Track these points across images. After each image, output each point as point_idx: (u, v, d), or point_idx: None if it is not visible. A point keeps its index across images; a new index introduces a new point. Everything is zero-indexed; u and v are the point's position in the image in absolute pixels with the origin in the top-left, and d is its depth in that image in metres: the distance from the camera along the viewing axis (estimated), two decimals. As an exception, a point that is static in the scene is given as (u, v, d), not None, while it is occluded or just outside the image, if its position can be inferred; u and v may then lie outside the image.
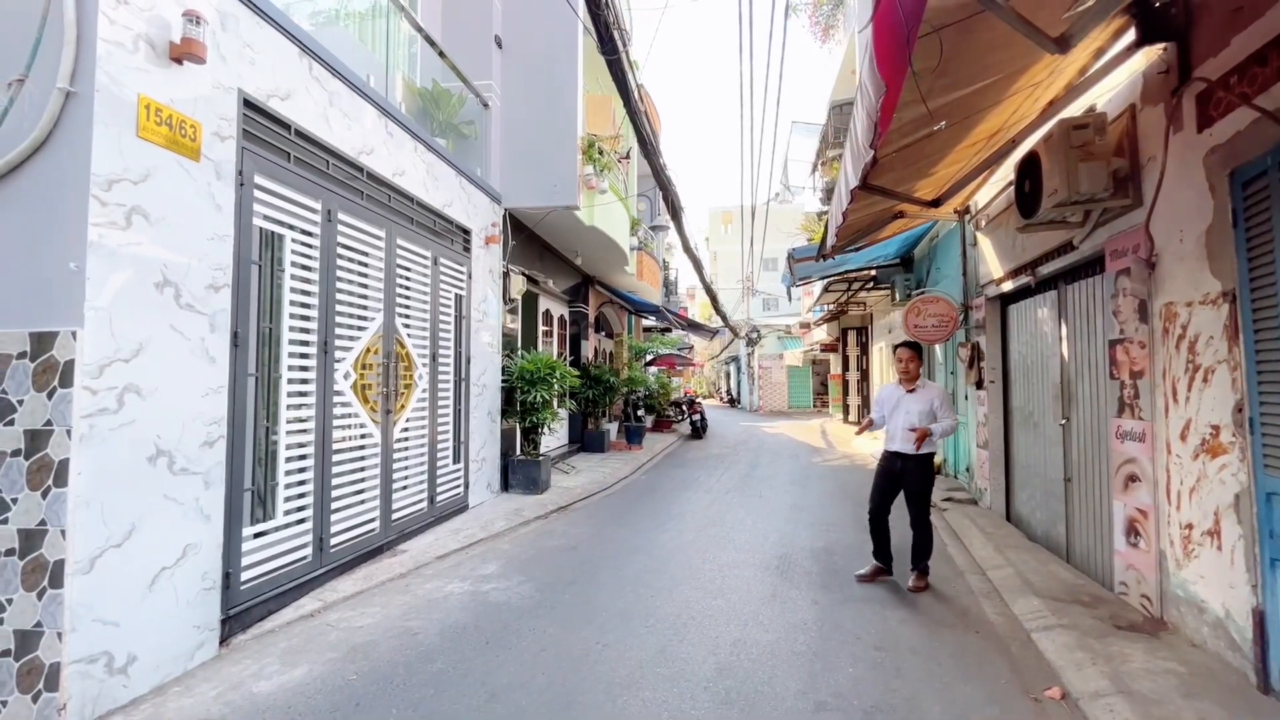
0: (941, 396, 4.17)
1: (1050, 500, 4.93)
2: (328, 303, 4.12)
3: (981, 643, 3.29)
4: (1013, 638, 3.35)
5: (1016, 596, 3.86)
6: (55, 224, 2.57)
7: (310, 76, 3.93)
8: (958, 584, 4.24)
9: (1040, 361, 5.23)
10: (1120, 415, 3.66)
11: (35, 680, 2.45)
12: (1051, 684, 2.81)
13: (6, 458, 2.54)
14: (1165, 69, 3.13)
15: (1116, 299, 3.67)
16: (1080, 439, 4.41)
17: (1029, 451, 5.49)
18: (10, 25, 2.60)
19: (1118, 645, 3.06)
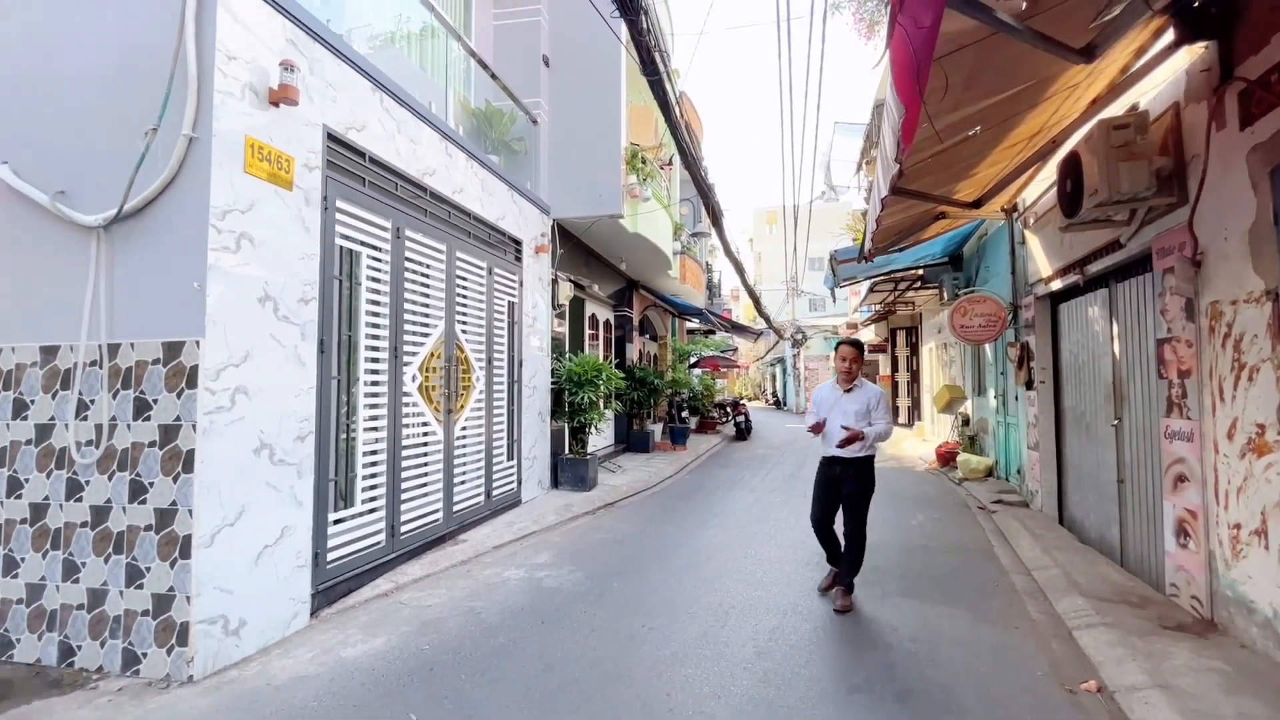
0: (878, 398, 3.97)
1: (1103, 502, 4.85)
2: (397, 312, 4.53)
3: (1021, 638, 3.34)
4: (1054, 634, 3.38)
5: (1061, 596, 3.87)
6: (181, 250, 3.03)
7: (381, 108, 4.36)
8: (1001, 583, 4.26)
9: (1091, 361, 5.14)
10: (1169, 415, 3.63)
11: (169, 636, 2.89)
12: (1089, 678, 2.85)
13: (144, 448, 3.01)
14: (1207, 67, 3.12)
15: (1163, 297, 3.64)
16: (1133, 440, 4.35)
17: (1081, 453, 5.39)
18: (146, 85, 3.07)
19: (1162, 644, 3.06)
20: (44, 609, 3.09)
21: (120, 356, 3.08)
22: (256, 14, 3.30)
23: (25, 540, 3.14)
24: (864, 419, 3.90)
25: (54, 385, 3.16)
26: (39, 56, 3.28)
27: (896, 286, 11.47)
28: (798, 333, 26.15)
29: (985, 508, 6.59)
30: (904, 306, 14.04)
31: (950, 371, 11.53)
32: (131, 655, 2.94)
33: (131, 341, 3.07)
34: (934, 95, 2.75)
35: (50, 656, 3.05)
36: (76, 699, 2.76)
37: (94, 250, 3.13)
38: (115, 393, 3.07)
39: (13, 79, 3.31)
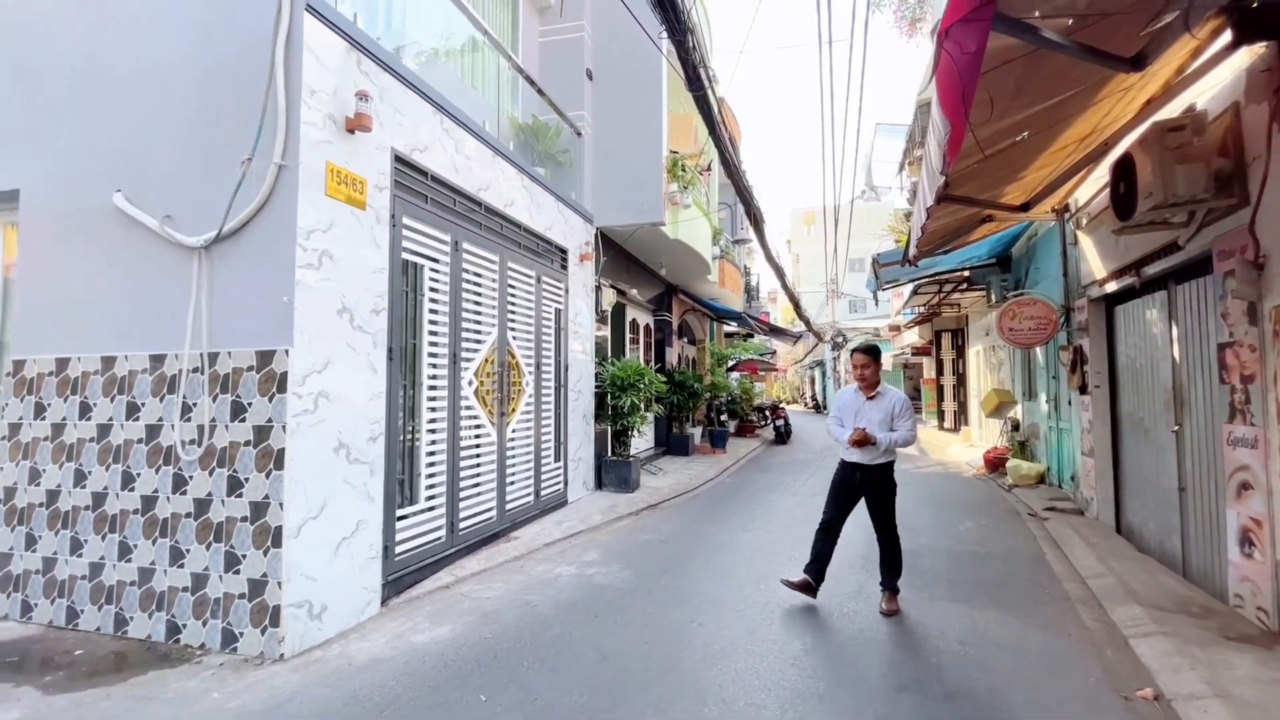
0: (901, 404, 3.90)
1: (1164, 511, 4.71)
2: (455, 320, 4.81)
3: (1073, 645, 3.32)
4: (1108, 643, 3.35)
5: (1117, 605, 3.81)
6: (272, 267, 3.34)
7: (441, 129, 4.64)
8: (1053, 590, 4.21)
9: (1150, 365, 5.01)
10: (1231, 421, 3.54)
11: (263, 618, 3.19)
12: (1145, 686, 2.84)
13: (240, 446, 3.32)
14: (1268, 67, 3.06)
15: (1224, 301, 3.56)
16: (1195, 446, 4.23)
17: (1140, 460, 5.25)
18: (241, 119, 3.39)
19: (1224, 654, 3.01)
20: (153, 590, 3.44)
21: (219, 364, 3.41)
22: (334, 50, 3.60)
23: (137, 529, 3.51)
24: (887, 426, 3.88)
25: (161, 389, 3.52)
26: (149, 96, 3.67)
27: (941, 289, 11.25)
28: (838, 335, 25.75)
29: (1036, 515, 6.45)
30: (949, 309, 13.73)
31: (999, 375, 11.24)
32: (230, 634, 3.25)
33: (229, 350, 3.40)
34: (980, 109, 2.81)
35: (159, 633, 3.40)
36: (185, 672, 3.07)
37: (196, 268, 3.47)
38: (215, 396, 3.40)
39: (126, 116, 3.71)
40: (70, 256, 3.80)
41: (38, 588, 3.70)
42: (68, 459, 3.71)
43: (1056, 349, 7.06)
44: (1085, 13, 2.20)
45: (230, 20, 3.51)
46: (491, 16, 6.91)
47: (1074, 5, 2.13)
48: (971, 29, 1.76)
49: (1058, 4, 2.09)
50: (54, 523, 3.70)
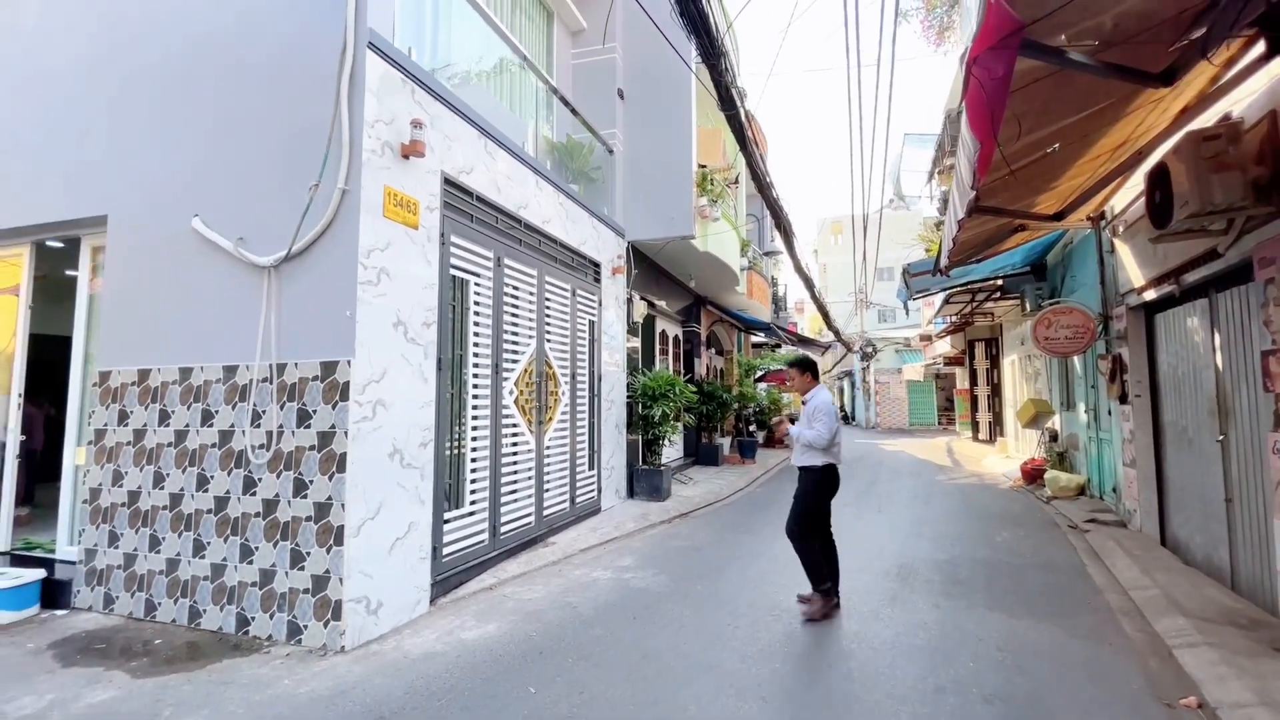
0: (815, 409, 4.04)
1: (1210, 523, 4.62)
2: (497, 332, 5.03)
3: (1115, 655, 3.31)
4: (1151, 652, 3.33)
5: (1160, 616, 3.77)
6: (335, 284, 3.60)
7: (485, 152, 4.90)
8: (1094, 601, 4.17)
9: (1192, 374, 4.94)
10: (1276, 429, 3.50)
11: (325, 611, 3.41)
12: (1189, 695, 2.83)
13: (306, 451, 3.57)
14: (1303, 76, 3.08)
15: (1266, 308, 3.53)
16: (1241, 456, 4.16)
17: (1184, 470, 5.15)
18: (307, 149, 3.68)
19: (1273, 665, 2.97)
20: (225, 585, 3.70)
21: (286, 374, 3.68)
22: (392, 81, 3.88)
23: (210, 527, 3.78)
24: (806, 426, 4.06)
25: (234, 398, 3.81)
26: (223, 128, 4.00)
27: (974, 297, 11.13)
28: (867, 345, 25.47)
29: (1077, 526, 6.34)
30: (982, 317, 13.54)
31: (1035, 385, 11.03)
32: (295, 627, 3.48)
33: (295, 361, 3.66)
34: (1009, 125, 2.90)
35: (230, 625, 3.65)
36: (255, 660, 3.30)
37: (266, 286, 3.76)
38: (282, 404, 3.66)
39: (203, 147, 4.05)
40: (152, 276, 4.14)
41: (119, 581, 4.00)
42: (148, 462, 4.02)
43: (1095, 358, 6.96)
44: (1111, 40, 2.29)
45: (299, 58, 3.82)
46: (527, 40, 7.22)
47: (1100, 29, 2.22)
48: (999, 56, 1.87)
49: (1084, 29, 2.19)
50: (135, 521, 4.01)
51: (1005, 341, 14.07)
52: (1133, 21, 2.18)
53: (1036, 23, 1.99)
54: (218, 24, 4.09)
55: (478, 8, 5.39)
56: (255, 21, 3.99)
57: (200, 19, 4.15)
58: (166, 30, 4.25)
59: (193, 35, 4.16)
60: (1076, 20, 2.11)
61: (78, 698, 2.91)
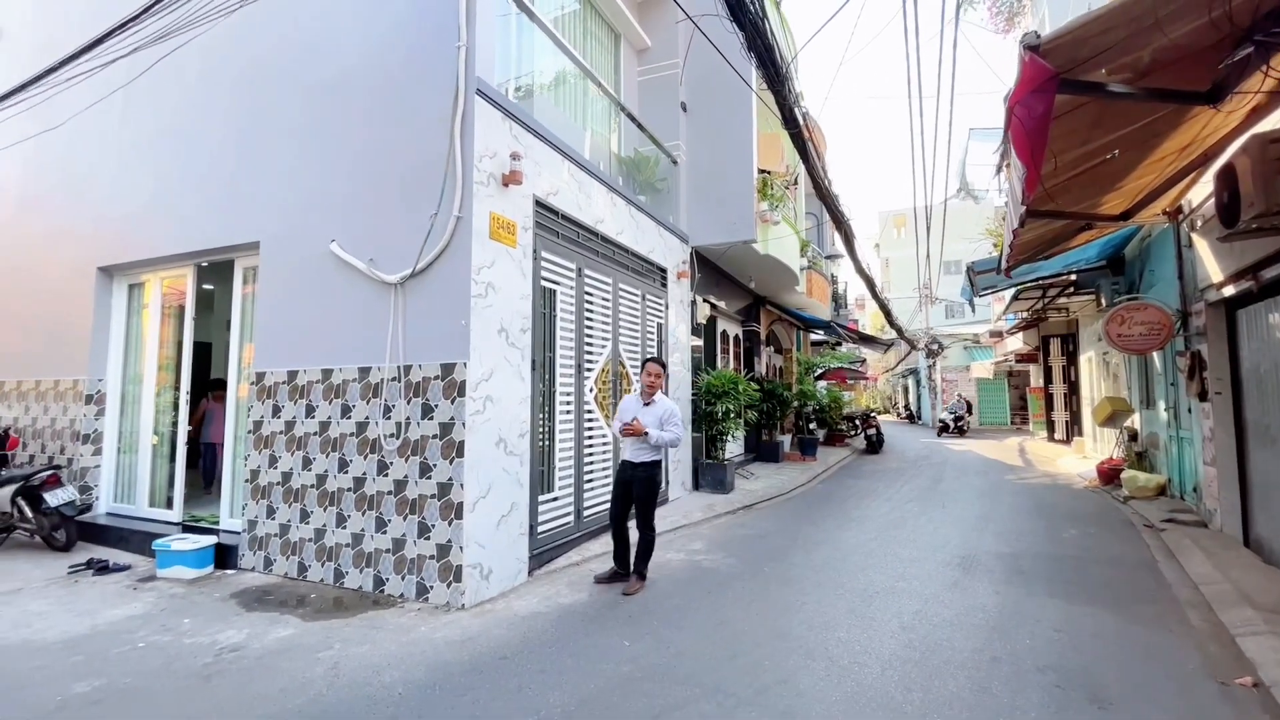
0: (669, 411, 4.52)
1: (1292, 521, 4.58)
2: (579, 335, 5.59)
3: (1174, 640, 3.46)
4: (1213, 639, 3.45)
5: (1229, 608, 3.84)
6: (452, 297, 4.22)
7: (569, 175, 5.46)
8: (1161, 594, 4.26)
9: (1276, 371, 4.87)
10: (1351, 425, 3.53)
11: (448, 575, 4.04)
12: (1246, 675, 2.98)
13: (429, 439, 4.22)
14: (1370, 80, 3.13)
15: (1340, 305, 3.56)
16: (1321, 453, 4.14)
17: (1269, 469, 5.07)
18: (424, 182, 4.33)
19: (1337, 653, 3.06)
20: (363, 551, 4.41)
21: (412, 374, 4.34)
22: (494, 121, 4.48)
23: (351, 503, 4.51)
24: (657, 428, 4.48)
25: (368, 394, 4.52)
26: (355, 166, 4.72)
27: (1045, 293, 10.85)
28: (933, 342, 24.71)
29: (1153, 526, 6.26)
30: (1056, 313, 13.08)
31: (1114, 383, 10.63)
32: (422, 587, 4.13)
33: (419, 363, 4.32)
34: (1062, 139, 3.14)
35: (368, 585, 4.35)
36: (393, 613, 3.97)
37: (393, 300, 4.44)
38: (409, 400, 4.33)
39: (341, 182, 4.78)
40: (297, 292, 4.92)
41: (276, 547, 4.81)
42: (297, 448, 4.81)
43: (1174, 355, 6.80)
44: (1150, 69, 2.51)
45: (415, 104, 4.48)
46: (597, 63, 7.75)
47: (1138, 63, 2.45)
48: (1037, 99, 2.18)
49: (1122, 64, 2.43)
50: (288, 498, 4.81)
51: (1082, 337, 13.52)
52: (1171, 52, 2.40)
53: (1073, 67, 2.27)
54: (345, 78, 4.82)
55: (563, 47, 5.97)
56: (377, 74, 4.68)
57: (330, 71, 4.89)
58: (303, 85, 5.03)
59: (325, 86, 4.91)
60: (1115, 57, 2.36)
61: (266, 633, 3.64)
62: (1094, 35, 2.19)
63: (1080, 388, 13.92)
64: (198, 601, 4.23)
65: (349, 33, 4.84)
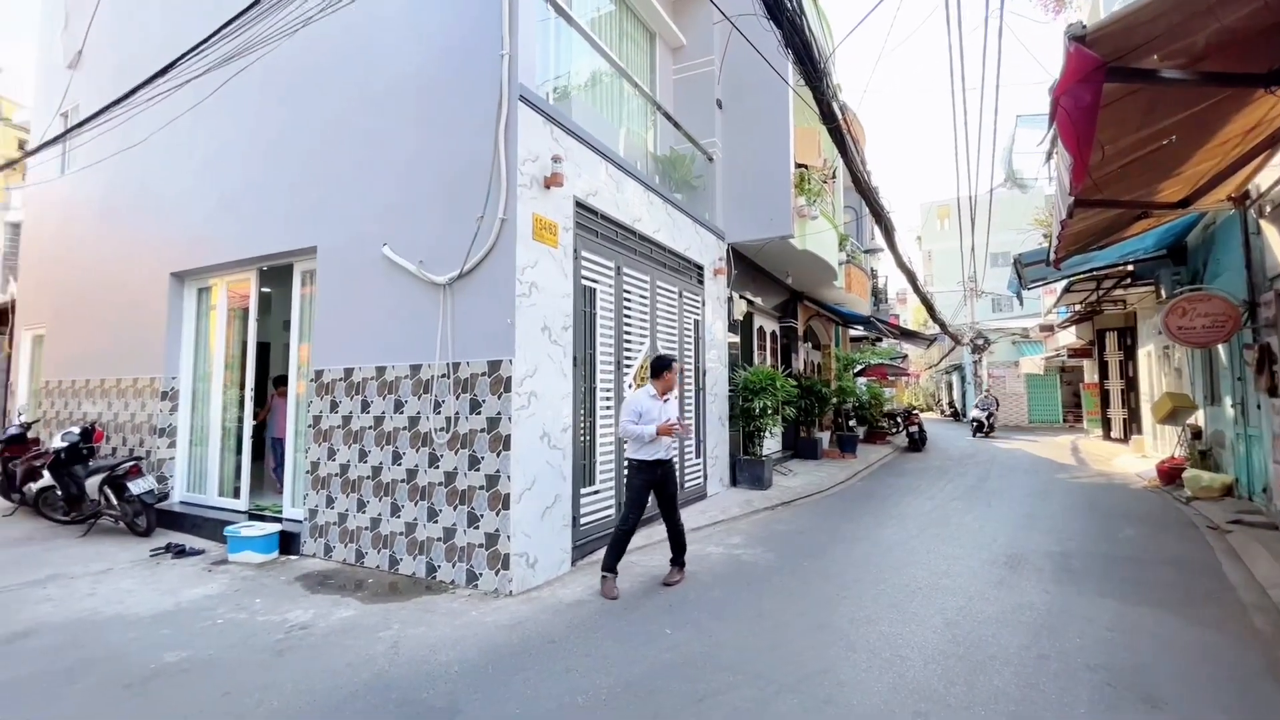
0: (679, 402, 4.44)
1: (1371, 523, 4.32)
2: (618, 333, 5.70)
3: (1236, 642, 3.34)
4: (1279, 643, 3.32)
5: (1299, 612, 3.67)
6: (497, 297, 4.39)
7: (607, 175, 5.57)
8: (1223, 596, 4.09)
9: (1352, 363, 4.60)
10: None
11: (496, 562, 4.21)
12: (1314, 680, 2.87)
13: (477, 433, 4.40)
14: None
15: None
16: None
17: (1344, 467, 4.79)
18: (468, 186, 4.51)
19: None
20: (416, 539, 4.64)
21: (460, 371, 4.54)
22: (536, 125, 4.62)
23: (404, 493, 4.74)
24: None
25: (419, 390, 4.74)
26: (404, 174, 4.95)
27: (1100, 285, 10.41)
28: (978, 337, 23.90)
29: (1218, 527, 5.98)
30: (1112, 305, 12.52)
31: (1176, 378, 10.12)
32: (472, 574, 4.32)
33: (467, 360, 4.51)
34: (1115, 127, 3.07)
35: (421, 571, 4.58)
36: (446, 598, 4.17)
37: (442, 300, 4.65)
38: (458, 395, 4.53)
39: (391, 190, 5.01)
40: (352, 293, 5.19)
41: (335, 535, 5.10)
42: (354, 441, 5.08)
43: (1241, 347, 6.46)
44: (1205, 54, 2.44)
45: (458, 113, 4.66)
46: (632, 62, 7.84)
47: (1193, 48, 2.38)
48: (1084, 89, 2.16)
49: (1175, 49, 2.37)
50: (346, 488, 5.08)
51: (1141, 330, 12.89)
52: (1227, 35, 2.33)
53: (1122, 55, 2.23)
54: (395, 90, 5.04)
55: (600, 50, 6.09)
56: (425, 85, 4.89)
57: (381, 83, 5.13)
58: (357, 97, 5.28)
59: (377, 97, 5.15)
60: (1167, 43, 2.31)
61: (330, 613, 3.89)
62: (1144, 22, 2.15)
63: (1139, 383, 13.29)
64: (266, 584, 4.54)
65: (400, 47, 5.06)
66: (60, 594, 4.29)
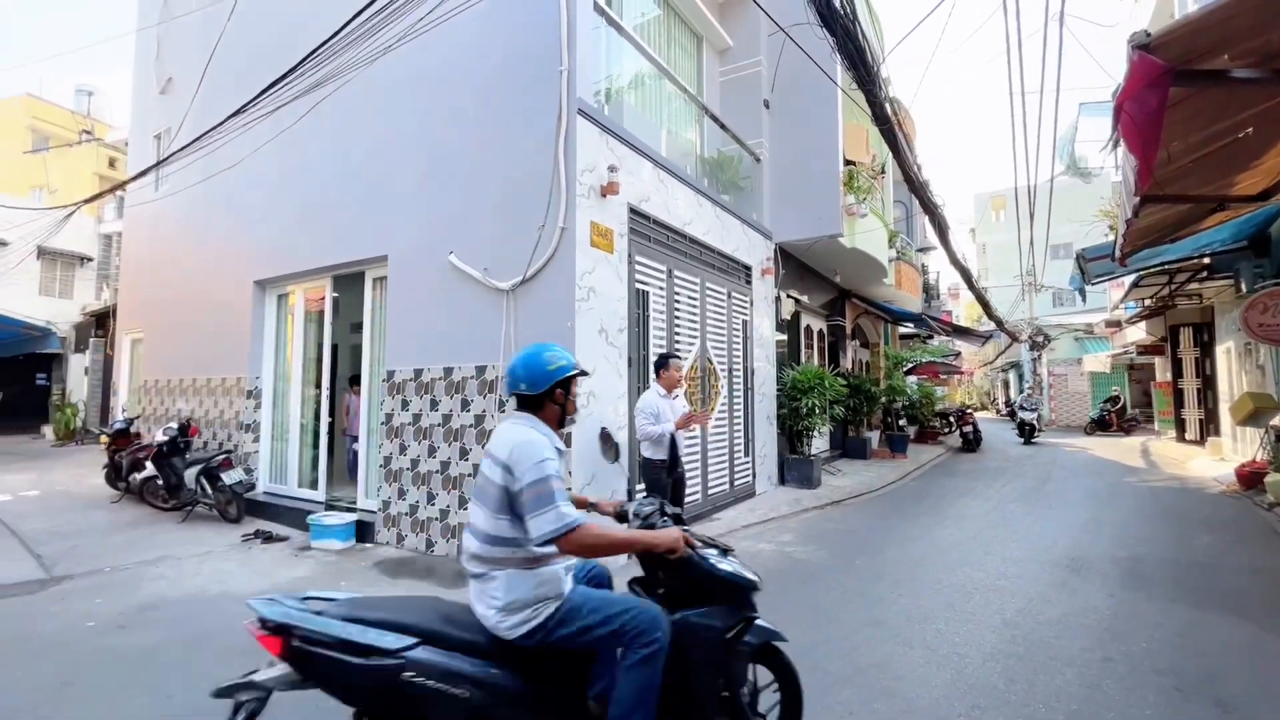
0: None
1: None
2: (670, 334, 5.86)
3: (1322, 652, 3.22)
4: (1370, 655, 3.18)
5: (1392, 624, 3.50)
6: (558, 301, 4.62)
7: (659, 181, 5.74)
8: (1308, 605, 3.92)
9: None
10: None
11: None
12: (1406, 693, 2.76)
13: (540, 431, 4.64)
14: None
15: None
16: None
17: None
18: (531, 196, 4.75)
19: None
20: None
21: (523, 372, 4.79)
22: (594, 137, 4.83)
23: (471, 487, 5.04)
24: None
25: (484, 390, 5.03)
26: (469, 186, 5.24)
27: (1173, 279, 9.89)
28: (1037, 334, 22.89)
29: (1302, 533, 5.66)
30: (1186, 300, 11.84)
31: (1261, 377, 9.51)
32: (535, 564, 4.56)
33: (529, 362, 4.75)
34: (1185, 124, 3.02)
35: (487, 560, 4.85)
36: (511, 585, 4.42)
37: (505, 304, 4.91)
38: (521, 395, 4.77)
39: (456, 201, 5.32)
40: (421, 299, 5.53)
41: (407, 525, 5.45)
42: (424, 438, 5.42)
43: (1331, 345, 6.08)
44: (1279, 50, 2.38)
45: (520, 127, 4.91)
46: (680, 67, 7.97)
47: (1267, 45, 2.34)
48: (1149, 94, 2.18)
49: (1248, 46, 2.33)
50: (416, 482, 5.43)
51: (1219, 326, 12.14)
52: (1307, 31, 2.28)
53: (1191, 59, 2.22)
54: (460, 106, 5.35)
55: (649, 57, 6.26)
56: (488, 100, 5.17)
57: (447, 101, 5.44)
58: (424, 115, 5.62)
59: (442, 114, 5.47)
60: (1238, 43, 2.28)
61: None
62: (1214, 24, 2.14)
63: (1216, 382, 12.51)
64: (348, 568, 4.91)
65: (470, 66, 5.35)
66: (172, 573, 4.78)
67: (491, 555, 1.87)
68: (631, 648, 1.78)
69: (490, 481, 1.89)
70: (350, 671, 1.65)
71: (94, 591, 4.31)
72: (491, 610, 1.82)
